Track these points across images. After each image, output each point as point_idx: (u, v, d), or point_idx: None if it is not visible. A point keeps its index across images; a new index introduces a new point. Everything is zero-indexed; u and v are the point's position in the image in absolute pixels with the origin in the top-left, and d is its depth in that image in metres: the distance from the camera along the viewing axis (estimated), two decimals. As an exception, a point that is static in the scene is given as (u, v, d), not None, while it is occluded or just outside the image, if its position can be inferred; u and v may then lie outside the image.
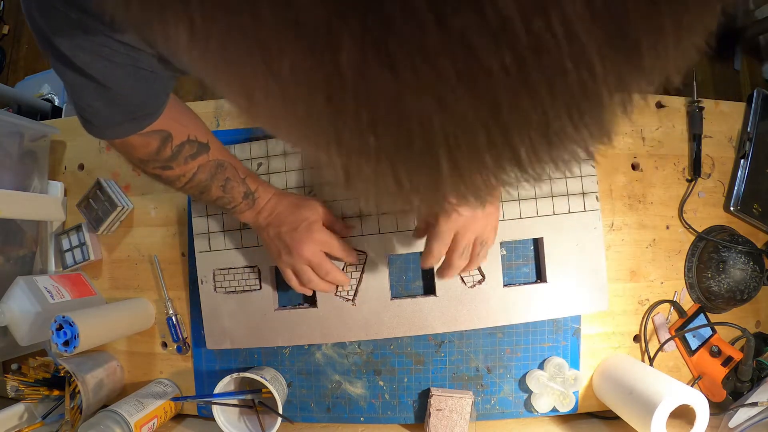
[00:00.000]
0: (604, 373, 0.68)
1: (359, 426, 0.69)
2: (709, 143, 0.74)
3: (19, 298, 0.63)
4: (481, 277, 0.65)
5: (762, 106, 0.75)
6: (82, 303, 0.69)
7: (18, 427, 0.65)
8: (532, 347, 0.69)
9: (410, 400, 0.69)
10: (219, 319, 0.66)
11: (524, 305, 0.64)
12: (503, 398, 0.69)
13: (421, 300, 0.65)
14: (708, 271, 0.70)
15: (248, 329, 0.66)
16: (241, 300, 0.66)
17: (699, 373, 0.70)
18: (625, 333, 0.71)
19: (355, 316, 0.65)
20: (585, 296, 0.65)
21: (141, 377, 0.73)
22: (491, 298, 0.64)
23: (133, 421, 0.61)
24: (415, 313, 0.65)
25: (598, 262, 0.65)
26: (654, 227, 0.72)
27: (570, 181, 0.65)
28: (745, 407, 0.63)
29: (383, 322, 0.65)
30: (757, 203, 0.74)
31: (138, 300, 0.72)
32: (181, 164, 0.49)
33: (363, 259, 0.65)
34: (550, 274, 0.65)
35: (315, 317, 0.65)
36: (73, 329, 0.58)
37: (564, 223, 0.65)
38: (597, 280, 0.65)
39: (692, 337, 0.71)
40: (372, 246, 0.65)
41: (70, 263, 0.73)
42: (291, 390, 0.70)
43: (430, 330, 0.64)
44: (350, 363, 0.69)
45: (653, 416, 0.56)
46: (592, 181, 0.65)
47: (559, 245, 0.65)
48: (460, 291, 0.64)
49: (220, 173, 0.53)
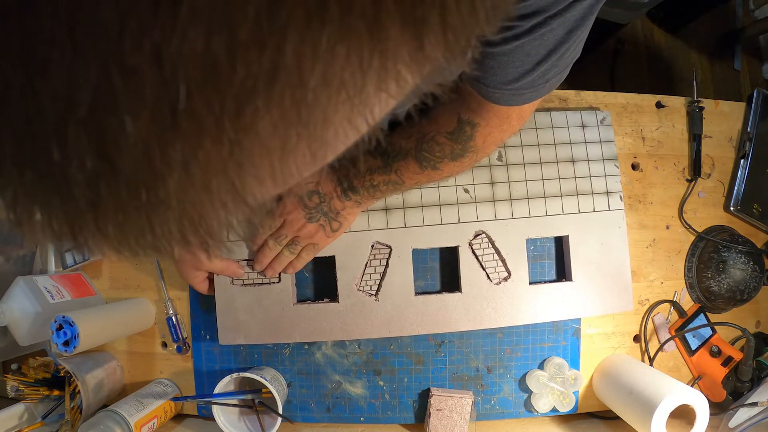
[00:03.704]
0: (604, 373, 0.68)
1: (359, 426, 0.69)
2: (709, 143, 0.74)
3: (19, 298, 0.63)
4: (507, 274, 0.64)
5: (762, 106, 0.75)
6: (82, 303, 0.69)
7: (18, 427, 0.65)
8: (532, 347, 0.69)
9: (410, 400, 0.69)
10: (234, 312, 0.64)
11: (550, 304, 0.64)
12: (503, 398, 0.69)
13: (446, 297, 0.63)
14: (708, 271, 0.70)
15: (265, 324, 0.64)
16: (259, 293, 0.64)
17: (699, 373, 0.70)
18: (625, 333, 0.71)
19: (377, 311, 0.63)
20: (610, 296, 0.64)
21: (141, 377, 0.73)
22: (516, 296, 0.63)
23: (133, 421, 0.61)
24: (440, 310, 0.63)
25: (623, 262, 0.65)
26: (654, 227, 0.72)
27: (594, 180, 0.65)
28: (745, 407, 0.63)
29: (406, 319, 0.63)
30: (757, 203, 0.74)
31: (138, 300, 0.72)
32: None
33: (387, 254, 0.64)
34: (575, 273, 0.64)
35: (335, 312, 0.63)
36: (73, 329, 0.58)
37: (589, 222, 0.64)
38: (622, 281, 0.65)
39: (692, 337, 0.71)
40: (396, 240, 0.63)
41: (70, 263, 0.73)
42: (291, 390, 0.70)
43: (455, 328, 0.63)
44: (350, 363, 0.69)
45: (653, 416, 0.56)
46: (615, 181, 0.66)
47: (584, 244, 0.64)
48: (485, 288, 0.63)
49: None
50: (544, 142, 0.66)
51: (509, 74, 0.40)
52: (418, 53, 0.12)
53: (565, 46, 0.37)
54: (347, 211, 0.60)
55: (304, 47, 0.10)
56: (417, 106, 0.18)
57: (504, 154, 0.65)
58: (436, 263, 0.69)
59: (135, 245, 0.13)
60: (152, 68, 0.10)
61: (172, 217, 0.12)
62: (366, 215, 0.64)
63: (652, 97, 0.74)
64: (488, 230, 0.64)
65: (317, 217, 0.58)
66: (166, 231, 0.13)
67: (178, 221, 0.12)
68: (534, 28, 0.35)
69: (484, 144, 0.52)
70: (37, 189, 0.11)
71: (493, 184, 0.65)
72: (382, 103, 0.13)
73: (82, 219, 0.12)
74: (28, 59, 0.10)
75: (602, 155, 0.66)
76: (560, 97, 0.72)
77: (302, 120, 0.12)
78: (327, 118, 0.12)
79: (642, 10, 1.25)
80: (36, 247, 0.76)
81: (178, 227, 0.13)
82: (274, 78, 0.10)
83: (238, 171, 0.12)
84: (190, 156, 0.11)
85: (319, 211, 0.58)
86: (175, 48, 0.10)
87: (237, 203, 0.13)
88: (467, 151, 0.52)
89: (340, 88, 0.11)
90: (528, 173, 0.65)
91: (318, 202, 0.57)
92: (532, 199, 0.64)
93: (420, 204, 0.64)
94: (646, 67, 1.64)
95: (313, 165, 0.14)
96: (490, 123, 0.49)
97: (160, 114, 0.10)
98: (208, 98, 0.10)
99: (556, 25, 0.35)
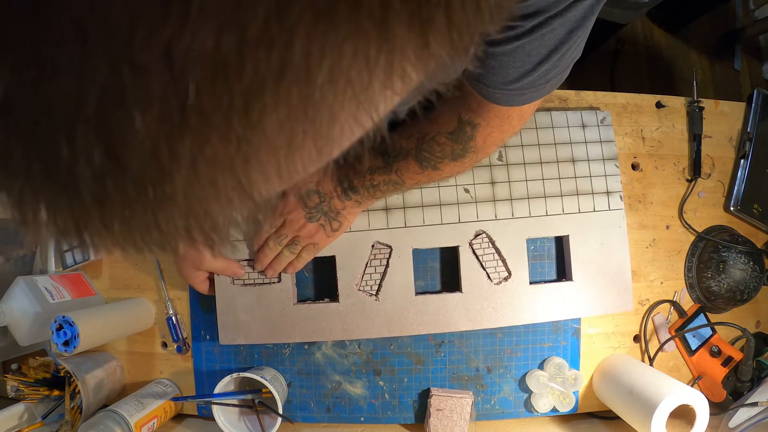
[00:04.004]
0: (604, 373, 0.68)
1: (359, 426, 0.69)
2: (709, 143, 0.74)
3: (19, 298, 0.63)
4: (507, 274, 0.64)
5: (762, 106, 0.75)
6: (82, 303, 0.69)
7: (18, 427, 0.65)
8: (532, 347, 0.69)
9: (410, 400, 0.69)
10: (234, 312, 0.64)
11: (550, 304, 0.64)
12: (503, 398, 0.69)
13: (446, 297, 0.63)
14: (708, 271, 0.70)
15: (265, 324, 0.64)
16: (259, 293, 0.64)
17: (699, 373, 0.70)
18: (625, 333, 0.71)
19: (377, 311, 0.63)
20: (610, 296, 0.64)
21: (141, 377, 0.73)
22: (517, 296, 0.63)
23: (133, 421, 0.61)
24: (440, 309, 0.63)
25: (623, 262, 0.65)
26: (654, 227, 0.72)
27: (595, 180, 0.65)
28: (745, 407, 0.63)
29: (407, 319, 0.63)
30: (757, 203, 0.74)
31: (138, 300, 0.72)
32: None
33: (387, 254, 0.64)
34: (576, 273, 0.64)
35: (335, 312, 0.63)
36: (73, 329, 0.58)
37: (589, 222, 0.64)
38: (622, 280, 0.65)
39: (692, 337, 0.71)
40: (397, 240, 0.63)
41: (70, 263, 0.73)
42: (291, 390, 0.70)
43: (455, 327, 0.63)
44: (350, 363, 0.69)
45: (653, 416, 0.56)
46: (616, 181, 0.66)
47: (585, 244, 0.64)
48: (486, 288, 0.63)
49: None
50: (544, 141, 0.66)
51: (510, 74, 0.40)
52: (423, 51, 0.12)
53: (565, 46, 0.37)
54: (347, 211, 0.60)
55: (312, 46, 0.10)
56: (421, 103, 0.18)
57: (504, 154, 0.65)
58: (436, 263, 0.69)
59: (140, 242, 0.13)
60: (162, 66, 0.10)
61: (178, 214, 0.12)
62: (366, 215, 0.64)
63: (652, 97, 0.74)
64: (488, 230, 0.64)
65: (317, 216, 0.58)
66: (172, 227, 0.13)
67: (183, 217, 0.13)
68: (535, 28, 0.35)
69: (484, 144, 0.52)
70: (43, 185, 0.11)
71: (494, 184, 0.65)
72: (387, 101, 0.13)
73: (87, 215, 0.12)
74: (38, 57, 0.10)
75: (602, 155, 0.66)
76: (560, 97, 0.72)
77: (309, 117, 0.12)
78: (333, 116, 0.12)
79: (642, 10, 1.25)
80: (36, 247, 0.76)
81: (183, 223, 0.13)
82: (282, 76, 0.11)
83: (244, 167, 0.12)
84: (198, 152, 0.11)
85: (320, 211, 0.58)
86: (185, 46, 0.10)
87: (243, 199, 0.13)
88: (468, 152, 0.52)
89: (347, 86, 0.12)
90: (528, 173, 0.65)
91: (318, 201, 0.57)
92: (532, 198, 0.64)
93: (420, 204, 0.64)
94: (646, 67, 1.64)
95: (319, 161, 0.14)
96: (490, 123, 0.49)
97: (169, 111, 0.10)
98: (217, 96, 0.10)
99: (557, 25, 0.35)
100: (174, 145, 0.11)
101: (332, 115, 0.12)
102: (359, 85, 0.12)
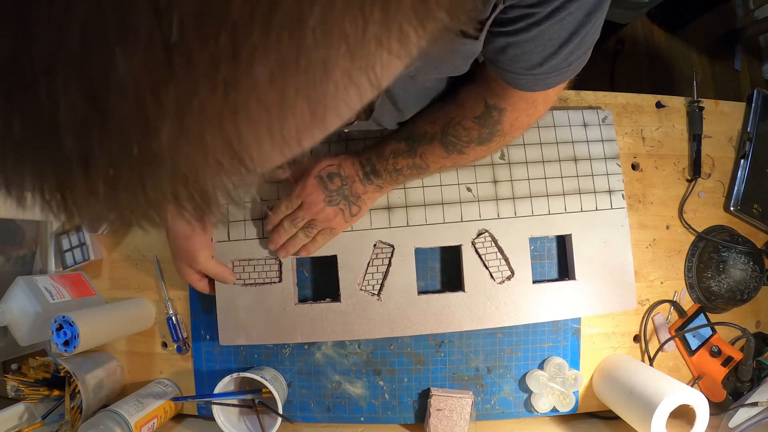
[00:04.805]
0: (604, 373, 0.68)
1: (359, 426, 0.69)
2: (709, 143, 0.74)
3: (19, 298, 0.63)
4: (510, 273, 0.64)
5: (762, 106, 0.75)
6: (82, 303, 0.69)
7: (18, 427, 0.65)
8: (532, 347, 0.69)
9: (410, 400, 0.69)
10: (235, 312, 0.63)
11: (553, 303, 0.64)
12: (503, 398, 0.69)
13: (449, 296, 0.63)
14: (708, 271, 0.70)
15: (266, 324, 0.63)
16: (260, 293, 0.63)
17: (699, 373, 0.70)
18: (625, 333, 0.71)
19: (380, 311, 0.63)
20: (613, 295, 0.64)
21: (141, 377, 0.73)
22: (520, 295, 0.63)
23: (133, 421, 0.61)
24: (443, 309, 0.63)
25: (625, 261, 0.65)
26: (654, 227, 0.72)
27: (597, 179, 0.65)
28: (745, 407, 0.63)
29: (409, 319, 0.63)
30: (757, 203, 0.74)
31: (138, 300, 0.72)
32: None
33: (389, 253, 0.64)
34: (578, 272, 0.64)
35: (337, 312, 0.63)
36: (73, 329, 0.58)
37: (592, 221, 0.64)
38: (624, 279, 0.65)
39: (692, 337, 0.71)
40: (399, 239, 0.63)
41: (70, 263, 0.73)
42: (291, 390, 0.70)
43: (458, 327, 0.63)
44: (350, 363, 0.69)
45: (653, 416, 0.56)
46: (618, 179, 0.66)
47: (587, 243, 0.64)
48: (489, 287, 0.63)
49: None
50: (546, 140, 0.66)
51: (533, 60, 0.40)
52: (421, 7, 0.12)
53: (585, 29, 0.38)
54: (368, 196, 0.59)
55: None
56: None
57: (507, 153, 0.65)
58: (436, 263, 0.69)
59: (127, 211, 0.12)
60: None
61: (165, 176, 0.12)
62: (368, 214, 0.64)
63: (652, 97, 0.74)
64: (491, 229, 0.64)
65: (337, 200, 0.58)
66: (159, 192, 0.12)
67: (171, 180, 0.12)
68: (552, 12, 0.36)
69: (511, 128, 0.52)
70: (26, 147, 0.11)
71: (496, 183, 0.65)
72: (384, 62, 0.13)
73: (71, 177, 0.11)
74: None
75: (604, 154, 0.66)
76: (560, 97, 0.72)
77: (300, 68, 0.11)
78: (327, 70, 0.12)
79: (642, 10, 1.25)
80: (36, 247, 0.76)
81: (171, 188, 0.12)
82: (271, 13, 0.10)
83: (233, 123, 0.11)
84: (184, 103, 0.11)
85: (340, 195, 0.57)
86: None
87: (233, 163, 0.13)
88: (495, 135, 0.53)
89: (340, 40, 0.11)
90: (530, 172, 0.65)
91: (340, 185, 0.57)
92: (534, 197, 0.64)
93: (423, 203, 0.64)
94: (646, 67, 1.64)
95: (313, 126, 0.13)
96: (516, 108, 0.50)
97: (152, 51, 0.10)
98: (203, 33, 0.10)
99: (574, 9, 0.36)
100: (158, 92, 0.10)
101: (326, 70, 0.12)
102: (353, 39, 0.11)
